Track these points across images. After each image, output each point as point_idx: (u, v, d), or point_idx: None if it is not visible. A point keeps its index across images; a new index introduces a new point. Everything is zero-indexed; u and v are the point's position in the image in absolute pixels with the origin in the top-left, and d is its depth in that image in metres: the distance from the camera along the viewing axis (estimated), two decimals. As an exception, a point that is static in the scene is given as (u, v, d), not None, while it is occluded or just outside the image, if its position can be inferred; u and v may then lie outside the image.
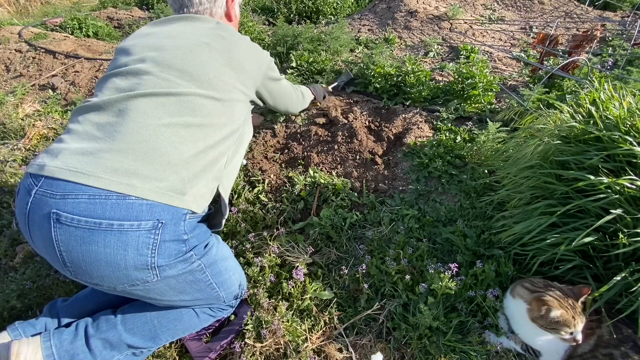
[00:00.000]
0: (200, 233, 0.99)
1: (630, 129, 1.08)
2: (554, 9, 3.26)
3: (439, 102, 2.07)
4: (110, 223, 0.80)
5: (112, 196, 0.81)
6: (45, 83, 2.74)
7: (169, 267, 0.89)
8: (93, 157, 0.83)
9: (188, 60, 0.99)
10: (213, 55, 1.03)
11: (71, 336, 0.95)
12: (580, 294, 0.95)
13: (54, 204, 0.80)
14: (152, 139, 0.88)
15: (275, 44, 2.64)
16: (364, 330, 1.19)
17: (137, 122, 0.89)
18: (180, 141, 0.92)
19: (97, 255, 0.81)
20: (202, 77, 0.99)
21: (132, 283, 0.87)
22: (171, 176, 0.88)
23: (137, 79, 0.95)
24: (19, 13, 5.80)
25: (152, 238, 0.84)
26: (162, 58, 0.98)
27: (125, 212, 0.81)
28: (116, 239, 0.81)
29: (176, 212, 0.88)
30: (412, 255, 1.32)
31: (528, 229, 1.13)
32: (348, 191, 1.62)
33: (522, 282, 1.06)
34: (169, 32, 1.06)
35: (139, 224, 0.82)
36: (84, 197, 0.80)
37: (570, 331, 0.93)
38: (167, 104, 0.93)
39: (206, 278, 1.00)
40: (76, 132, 0.90)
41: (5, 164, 1.96)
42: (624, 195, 1.02)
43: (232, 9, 1.23)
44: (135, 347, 1.01)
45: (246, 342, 1.12)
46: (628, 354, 0.91)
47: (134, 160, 0.85)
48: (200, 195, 0.95)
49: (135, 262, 0.84)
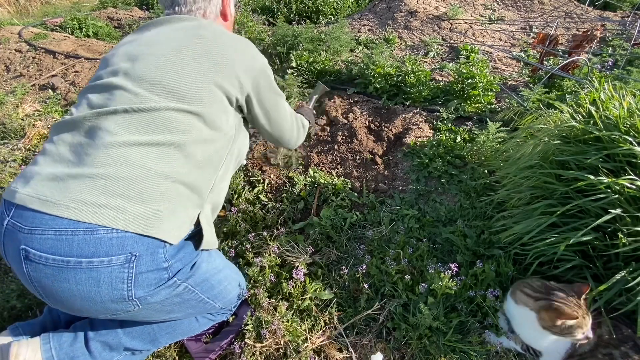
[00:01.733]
0: (186, 255, 0.91)
1: (630, 129, 1.08)
2: (554, 9, 3.26)
3: (439, 102, 2.07)
4: (79, 261, 0.75)
5: (78, 232, 0.75)
6: (45, 83, 2.74)
7: (150, 296, 0.84)
8: (63, 184, 0.78)
9: (161, 71, 0.89)
10: (189, 61, 0.92)
11: (71, 338, 0.95)
12: (581, 292, 0.94)
13: (22, 239, 0.76)
14: (122, 162, 0.80)
15: (275, 44, 2.64)
16: (364, 330, 1.19)
17: (106, 143, 0.81)
18: (154, 163, 0.83)
19: (70, 292, 0.78)
20: (177, 89, 0.89)
21: (113, 313, 0.84)
22: (144, 203, 0.81)
23: (108, 94, 0.88)
24: (19, 13, 5.80)
25: (127, 272, 0.79)
26: (134, 70, 0.90)
27: (94, 248, 0.76)
28: (87, 276, 0.76)
29: (152, 241, 0.81)
30: (412, 255, 1.32)
31: (528, 229, 1.13)
32: (348, 191, 1.62)
33: (521, 286, 1.05)
34: (149, 38, 0.98)
35: (110, 259, 0.77)
36: (50, 233, 0.75)
37: (582, 332, 0.93)
38: (138, 121, 0.84)
39: (196, 296, 0.95)
40: (49, 154, 0.85)
41: (5, 164, 1.97)
42: (623, 195, 1.02)
43: (228, 7, 1.16)
44: (134, 349, 1.01)
45: (246, 342, 1.11)
46: (628, 353, 0.91)
47: (104, 186, 0.78)
48: (178, 226, 0.86)
49: (110, 296, 0.79)
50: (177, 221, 0.86)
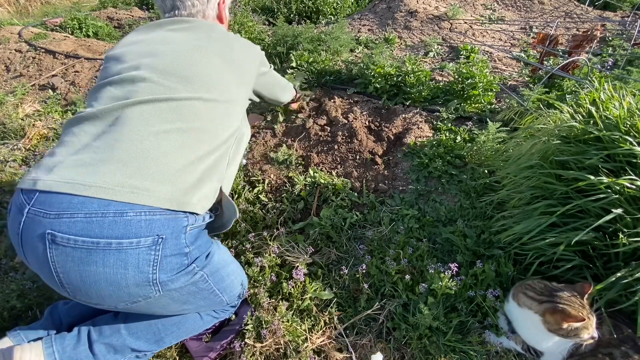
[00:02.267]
0: (202, 243, 0.96)
1: (630, 129, 1.08)
2: (554, 9, 3.26)
3: (439, 102, 2.07)
4: (109, 242, 0.77)
5: (109, 214, 0.78)
6: (45, 83, 2.74)
7: (172, 281, 0.86)
8: (92, 168, 0.81)
9: (185, 65, 0.97)
10: (209, 58, 1.01)
11: (74, 341, 0.94)
12: (584, 292, 0.94)
13: (48, 224, 0.77)
14: (153, 147, 0.86)
15: (275, 44, 2.64)
16: (364, 330, 1.19)
17: (136, 131, 0.86)
18: (180, 147, 0.90)
19: (97, 276, 0.79)
20: (201, 81, 0.97)
21: (134, 300, 0.85)
22: (175, 181, 0.86)
23: (132, 86, 0.92)
24: (19, 13, 5.81)
25: (153, 254, 0.82)
26: (158, 64, 0.96)
27: (124, 229, 0.78)
28: (115, 258, 0.78)
29: (177, 226, 0.86)
30: (412, 255, 1.32)
31: (528, 229, 1.13)
32: (348, 191, 1.62)
33: (523, 288, 1.05)
34: (161, 38, 1.04)
35: (138, 241, 0.80)
36: (80, 216, 0.77)
37: (589, 332, 0.92)
38: (166, 110, 0.91)
39: (209, 287, 0.98)
40: (71, 144, 0.87)
41: (5, 164, 1.97)
42: (623, 195, 1.02)
43: (223, 11, 1.22)
44: (139, 350, 1.00)
45: (246, 342, 1.12)
46: (628, 353, 0.91)
47: (137, 168, 0.82)
48: (204, 197, 0.94)
49: (136, 279, 0.81)
50: (203, 193, 0.94)
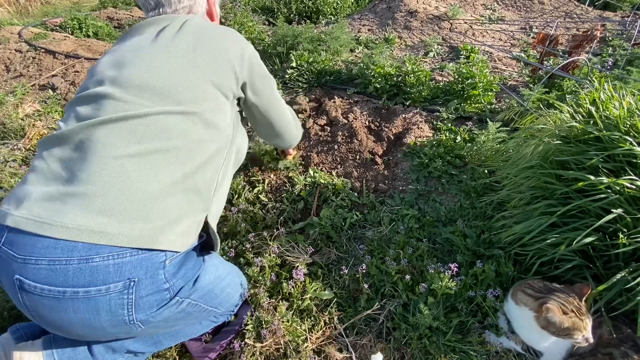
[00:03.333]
0: (188, 270, 0.87)
1: (630, 129, 1.08)
2: (554, 9, 3.26)
3: (439, 102, 2.07)
4: (75, 291, 0.72)
5: (73, 261, 0.72)
6: (45, 83, 2.74)
7: (153, 317, 0.82)
8: (59, 203, 0.74)
9: (150, 74, 0.86)
10: (178, 60, 0.89)
11: (72, 342, 0.94)
12: (582, 294, 0.94)
13: (17, 269, 0.73)
14: (121, 175, 0.77)
15: (275, 44, 2.64)
16: (364, 330, 1.19)
17: (101, 157, 0.77)
18: (153, 173, 0.80)
19: (70, 320, 0.75)
20: (169, 91, 0.85)
21: (115, 336, 0.84)
22: (148, 216, 0.78)
23: (96, 105, 0.84)
24: (19, 13, 5.81)
25: (126, 298, 0.76)
26: (120, 76, 0.86)
27: (90, 277, 0.72)
28: (85, 306, 0.74)
29: (152, 264, 0.78)
30: (412, 255, 1.32)
31: (528, 229, 1.13)
32: (348, 191, 1.62)
33: (522, 286, 1.05)
34: (133, 44, 0.94)
35: (107, 287, 0.74)
36: (44, 263, 0.72)
37: (582, 334, 0.92)
38: (132, 129, 0.81)
39: (199, 308, 0.93)
40: (40, 171, 0.81)
41: (5, 164, 1.97)
42: (623, 195, 1.02)
43: (214, 6, 1.13)
44: (137, 352, 1.00)
45: (246, 342, 1.12)
46: (628, 353, 0.91)
47: (104, 203, 0.75)
48: (184, 232, 0.84)
49: (111, 322, 0.77)
50: (182, 228, 0.84)
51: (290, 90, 2.33)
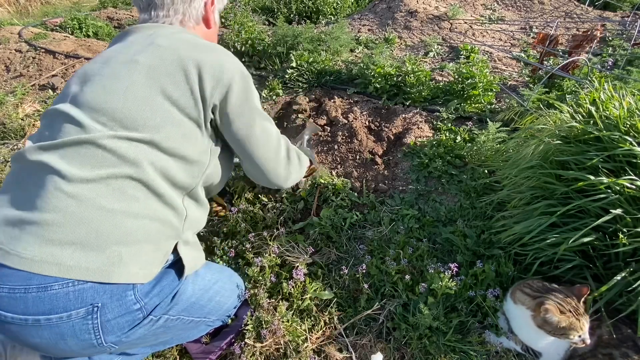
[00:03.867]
0: (164, 287, 0.83)
1: (630, 129, 1.08)
2: (554, 9, 3.26)
3: (439, 102, 2.07)
4: (36, 319, 0.71)
5: (31, 289, 0.70)
6: (45, 83, 2.74)
7: (126, 336, 0.78)
8: (16, 230, 0.72)
9: (107, 94, 0.81)
10: (140, 79, 0.82)
11: None
12: (581, 295, 0.95)
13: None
14: (73, 204, 0.74)
15: (275, 44, 2.64)
16: (364, 330, 1.19)
17: (54, 183, 0.74)
18: (108, 202, 0.76)
19: (40, 345, 0.74)
20: (124, 115, 0.80)
21: (95, 354, 0.82)
22: (104, 248, 0.74)
23: (55, 124, 0.81)
24: (19, 13, 5.81)
25: (90, 323, 0.73)
26: (81, 95, 0.82)
27: (50, 305, 0.70)
28: (49, 332, 0.72)
29: (117, 288, 0.75)
30: (412, 255, 1.32)
31: (528, 229, 1.13)
32: (348, 191, 1.62)
33: (521, 285, 1.06)
34: (109, 54, 0.90)
35: (69, 314, 0.71)
36: (5, 290, 0.70)
37: (578, 334, 0.92)
38: (84, 155, 0.76)
39: (182, 321, 0.90)
40: (6, 191, 0.79)
41: (5, 164, 1.97)
42: (623, 195, 1.02)
43: (212, 14, 1.06)
44: (132, 353, 1.00)
45: (246, 342, 1.11)
46: (628, 353, 0.91)
47: (57, 233, 0.72)
48: (149, 262, 0.80)
49: (80, 346, 0.75)
50: (147, 259, 0.79)
51: (290, 90, 2.33)
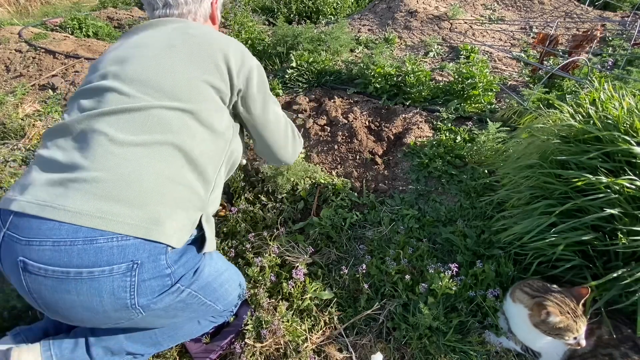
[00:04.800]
0: (188, 260, 0.89)
1: (629, 129, 1.08)
2: (554, 9, 3.26)
3: (439, 102, 2.07)
4: (79, 271, 0.74)
5: (77, 242, 0.73)
6: (45, 83, 2.74)
7: (154, 303, 0.82)
8: (62, 189, 0.77)
9: (151, 70, 0.89)
10: (179, 59, 0.91)
11: (72, 345, 0.94)
12: (581, 296, 0.94)
13: (20, 251, 0.75)
14: (119, 164, 0.79)
15: (275, 44, 2.64)
16: (364, 330, 1.19)
17: (102, 145, 0.80)
18: (150, 164, 0.82)
19: (72, 303, 0.76)
20: (168, 87, 0.88)
21: (116, 322, 0.83)
22: (145, 206, 0.79)
23: (99, 97, 0.87)
24: (19, 13, 5.81)
25: (129, 280, 0.77)
26: (123, 71, 0.89)
27: (94, 258, 0.74)
28: (88, 287, 0.75)
29: (154, 248, 0.79)
30: (412, 255, 1.32)
31: (528, 229, 1.13)
32: (348, 191, 1.62)
33: (521, 285, 1.06)
34: (137, 41, 0.97)
35: (111, 268, 0.75)
36: (48, 244, 0.73)
37: (573, 336, 0.93)
38: (131, 121, 0.83)
39: (199, 301, 0.94)
40: (44, 160, 0.83)
41: (5, 164, 1.97)
42: (623, 195, 1.02)
43: (216, 10, 1.16)
44: (136, 353, 1.00)
45: (246, 342, 1.12)
46: (628, 354, 0.91)
47: (104, 190, 0.77)
48: (180, 228, 0.85)
49: (113, 305, 0.78)
50: (179, 224, 0.84)
51: (290, 90, 2.33)
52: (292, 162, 1.35)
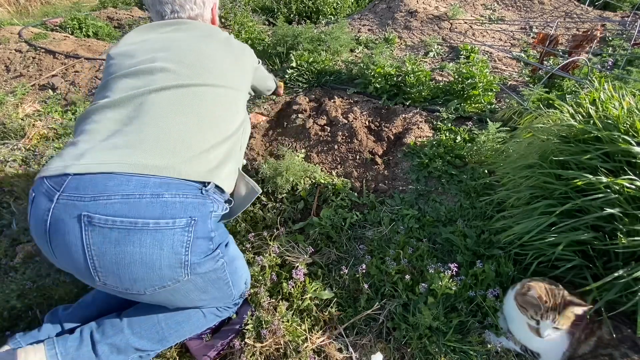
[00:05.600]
0: (222, 232, 1.02)
1: (629, 129, 1.08)
2: (554, 9, 3.26)
3: (439, 102, 2.07)
4: (146, 222, 0.79)
5: (146, 195, 0.80)
6: (45, 83, 2.74)
7: (199, 265, 0.89)
8: (128, 150, 0.84)
9: (199, 55, 1.03)
10: (217, 51, 1.09)
11: (76, 343, 0.94)
12: (577, 305, 0.94)
13: (83, 207, 0.78)
14: (179, 128, 0.91)
15: (275, 44, 2.64)
16: (364, 330, 1.19)
17: (161, 114, 0.91)
18: (203, 131, 0.95)
19: (133, 256, 0.80)
20: (215, 69, 1.04)
21: (163, 284, 0.86)
22: (203, 159, 0.92)
23: (151, 76, 0.97)
24: (19, 13, 5.80)
25: (187, 235, 0.85)
26: (172, 56, 1.01)
27: (161, 210, 0.81)
28: (152, 238, 0.80)
29: (205, 210, 0.90)
30: (412, 255, 1.32)
31: (528, 229, 1.13)
32: (348, 191, 1.62)
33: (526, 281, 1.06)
34: (166, 37, 1.09)
35: (174, 222, 0.83)
36: (116, 198, 0.79)
37: (536, 318, 0.95)
38: (186, 94, 0.96)
39: (225, 276, 1.01)
40: (96, 131, 0.89)
41: (5, 164, 1.97)
42: (623, 195, 1.02)
43: (215, 14, 1.31)
44: (143, 350, 1.00)
45: (246, 342, 1.12)
46: (628, 354, 0.91)
47: (167, 149, 0.87)
48: (229, 174, 1.02)
49: (170, 260, 0.83)
50: (228, 170, 1.01)
51: (290, 90, 2.33)
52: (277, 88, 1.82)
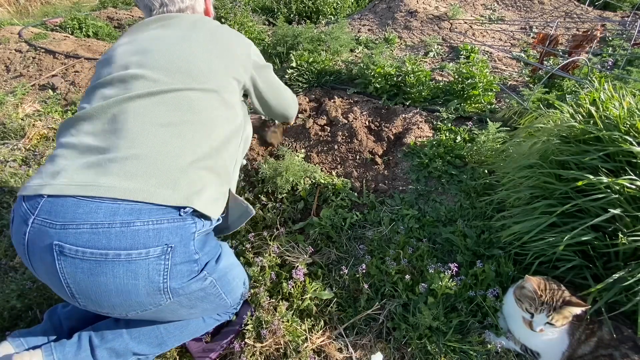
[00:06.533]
0: (211, 248, 0.95)
1: (630, 129, 1.08)
2: (554, 9, 3.26)
3: (439, 102, 2.07)
4: (117, 253, 0.76)
5: (115, 224, 0.76)
6: (45, 83, 2.74)
7: (182, 288, 0.85)
8: (102, 169, 0.79)
9: (174, 57, 0.95)
10: (197, 47, 0.99)
11: (74, 348, 0.93)
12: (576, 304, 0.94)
13: (55, 235, 0.75)
14: (156, 143, 0.84)
15: (275, 44, 2.64)
16: (364, 330, 1.19)
17: (136, 126, 0.84)
18: (182, 142, 0.88)
19: (107, 286, 0.78)
20: (192, 70, 0.95)
21: (144, 309, 0.85)
22: (182, 180, 0.84)
23: (125, 84, 0.91)
24: (19, 13, 5.80)
25: (163, 264, 0.81)
26: (146, 60, 0.94)
27: (132, 240, 0.77)
28: (125, 269, 0.77)
29: (185, 233, 0.84)
30: (412, 255, 1.32)
31: (528, 229, 1.13)
32: (348, 191, 1.62)
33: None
34: (149, 36, 1.02)
35: (147, 251, 0.78)
36: (85, 227, 0.75)
37: (530, 311, 0.96)
38: (162, 102, 0.89)
39: (216, 291, 0.97)
40: (73, 146, 0.85)
41: (5, 164, 1.97)
42: (623, 195, 1.02)
43: (210, 6, 1.25)
44: (141, 354, 1.00)
45: (246, 342, 1.12)
46: (628, 354, 0.91)
47: (142, 166, 0.81)
48: (213, 200, 0.91)
49: (147, 289, 0.81)
50: (213, 195, 0.91)
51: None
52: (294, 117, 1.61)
